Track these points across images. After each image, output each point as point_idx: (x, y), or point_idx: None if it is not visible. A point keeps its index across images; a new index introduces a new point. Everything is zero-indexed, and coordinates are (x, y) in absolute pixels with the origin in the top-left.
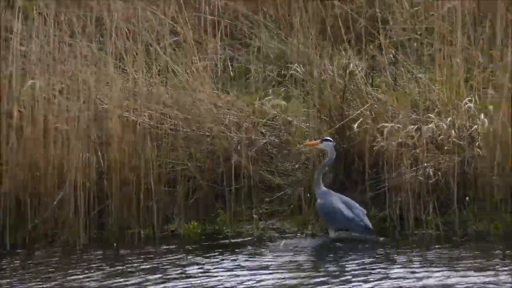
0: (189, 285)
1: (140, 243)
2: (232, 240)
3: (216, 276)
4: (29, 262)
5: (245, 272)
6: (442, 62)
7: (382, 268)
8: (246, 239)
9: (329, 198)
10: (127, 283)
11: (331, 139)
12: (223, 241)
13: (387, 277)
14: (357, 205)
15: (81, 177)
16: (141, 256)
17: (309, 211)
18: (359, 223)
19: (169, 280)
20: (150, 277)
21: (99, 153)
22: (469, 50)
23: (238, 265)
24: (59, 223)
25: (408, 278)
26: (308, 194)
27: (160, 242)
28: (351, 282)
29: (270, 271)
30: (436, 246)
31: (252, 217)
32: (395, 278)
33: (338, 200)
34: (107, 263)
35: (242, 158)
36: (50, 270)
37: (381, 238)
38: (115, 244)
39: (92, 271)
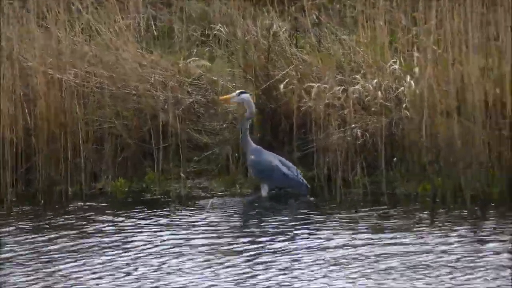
0: (113, 243)
1: (67, 200)
2: (159, 198)
3: (140, 234)
4: None
5: (171, 231)
6: (365, 24)
7: (309, 228)
8: (173, 197)
9: (263, 155)
10: (50, 238)
11: (246, 91)
12: (150, 199)
13: (313, 237)
14: (290, 163)
15: (8, 134)
16: (68, 213)
17: (237, 171)
18: (298, 181)
19: (92, 236)
20: (73, 233)
21: (26, 110)
22: (392, 13)
23: (164, 223)
24: None
25: (333, 238)
26: (236, 154)
27: (87, 199)
28: (276, 241)
29: (197, 230)
30: (364, 207)
31: (180, 176)
32: (322, 239)
33: (273, 157)
34: (33, 219)
35: (169, 117)
36: None
37: (311, 198)
38: (42, 201)
39: (19, 227)
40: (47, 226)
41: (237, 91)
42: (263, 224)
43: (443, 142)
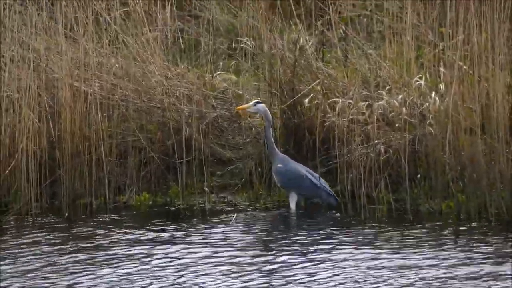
0: (135, 256)
1: (91, 213)
2: (183, 212)
3: (163, 248)
4: None
5: (194, 245)
6: (392, 39)
7: (332, 244)
8: (197, 211)
9: (291, 163)
10: (73, 250)
11: (261, 101)
12: (174, 213)
13: (339, 254)
14: (317, 174)
15: (32, 146)
16: (92, 226)
17: (260, 186)
18: (327, 191)
19: (114, 249)
20: (96, 245)
21: (50, 122)
22: (419, 27)
23: (188, 237)
24: (11, 192)
25: (356, 255)
26: (259, 169)
27: (111, 213)
28: (297, 256)
29: (220, 244)
30: (388, 224)
31: (203, 190)
32: (348, 253)
33: (300, 167)
34: (57, 232)
35: (193, 131)
36: (3, 239)
37: (337, 213)
38: (66, 214)
39: (43, 239)
40: (71, 238)
41: (253, 101)
42: (286, 239)
43: (467, 159)
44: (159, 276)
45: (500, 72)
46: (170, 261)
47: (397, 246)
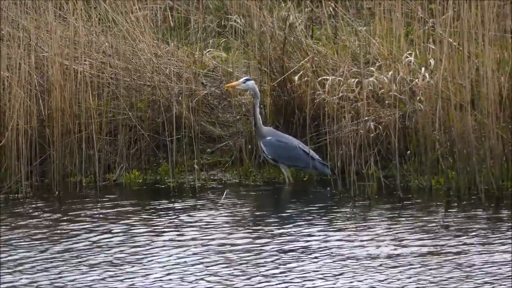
0: (127, 235)
1: (82, 191)
2: (173, 190)
3: (155, 227)
4: None
5: (185, 224)
6: (382, 15)
7: (327, 221)
8: (187, 189)
9: (282, 135)
10: (68, 229)
11: (251, 78)
12: (165, 191)
13: (332, 230)
14: (305, 145)
15: (23, 124)
16: (82, 204)
17: (251, 163)
18: (321, 161)
19: (107, 228)
20: (89, 225)
21: (40, 101)
22: (409, 4)
23: (179, 216)
24: (1, 171)
25: (350, 230)
26: (250, 146)
27: (101, 191)
28: (286, 235)
29: (212, 223)
30: (377, 200)
31: (193, 168)
32: (340, 230)
33: (292, 138)
34: (48, 211)
35: (183, 109)
36: None
37: (327, 189)
38: (57, 192)
39: (34, 219)
40: (61, 217)
41: (242, 78)
42: (276, 217)
43: (457, 135)
44: (148, 255)
45: (490, 48)
46: (160, 239)
47: (387, 222)
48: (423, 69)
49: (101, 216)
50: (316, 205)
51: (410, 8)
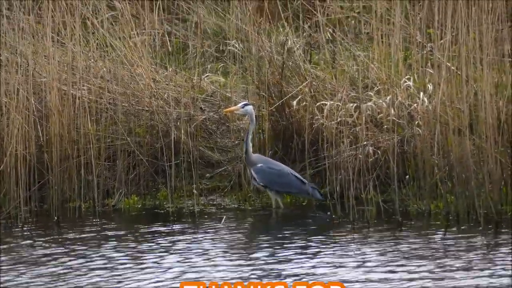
0: (126, 260)
1: (80, 217)
2: (172, 215)
3: (154, 252)
4: None
5: (185, 249)
6: (380, 40)
7: (320, 246)
8: (186, 214)
9: (272, 162)
10: (65, 255)
11: (249, 103)
12: (164, 216)
13: (330, 255)
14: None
15: (21, 150)
16: (81, 230)
17: (249, 188)
18: (312, 186)
19: (106, 254)
20: (85, 249)
21: (39, 126)
22: (407, 29)
23: (178, 241)
24: (0, 195)
25: (349, 256)
26: (248, 171)
27: (100, 216)
28: (290, 256)
29: (211, 247)
30: (376, 224)
31: (192, 193)
32: (338, 256)
33: (282, 165)
34: (46, 236)
35: (182, 134)
36: None
37: (327, 214)
38: (55, 218)
39: (33, 244)
40: (60, 242)
41: (241, 103)
42: (275, 240)
43: (455, 159)
44: (148, 279)
45: (488, 72)
46: (160, 264)
47: (386, 247)
48: (421, 93)
49: (100, 241)
50: (315, 229)
51: (408, 33)
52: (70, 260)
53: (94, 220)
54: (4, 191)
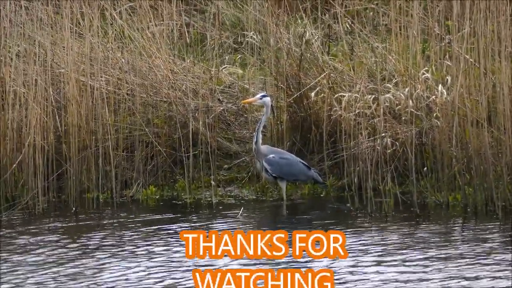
0: (144, 251)
1: (98, 207)
2: (190, 206)
3: (171, 243)
4: None
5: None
6: (398, 32)
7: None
8: (204, 205)
9: (282, 152)
10: (83, 246)
11: (267, 94)
12: (181, 207)
13: (348, 246)
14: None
15: (39, 140)
16: (99, 220)
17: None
18: (318, 173)
19: (123, 244)
20: (106, 241)
21: (57, 117)
22: (426, 21)
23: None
24: (18, 187)
25: (367, 246)
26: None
27: (118, 207)
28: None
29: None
30: (394, 217)
31: (210, 184)
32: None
33: (288, 153)
34: (65, 227)
35: (200, 125)
36: (10, 233)
37: (347, 205)
38: (73, 208)
39: (51, 234)
40: (78, 233)
41: (259, 94)
42: (292, 229)
43: (474, 151)
44: (164, 270)
45: (506, 64)
46: (177, 256)
47: (404, 240)
48: (439, 85)
49: (117, 232)
50: (333, 221)
51: (427, 25)
52: (84, 251)
53: (112, 210)
54: (22, 181)
